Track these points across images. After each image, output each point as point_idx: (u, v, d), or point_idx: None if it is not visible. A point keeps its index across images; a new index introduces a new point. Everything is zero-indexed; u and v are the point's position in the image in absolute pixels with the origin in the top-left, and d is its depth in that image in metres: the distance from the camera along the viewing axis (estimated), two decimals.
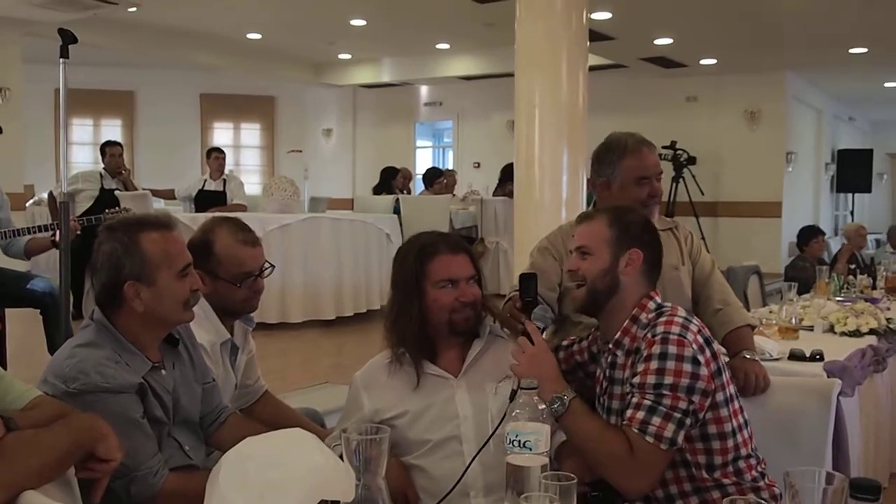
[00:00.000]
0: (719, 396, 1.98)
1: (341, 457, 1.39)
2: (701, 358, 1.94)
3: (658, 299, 2.13)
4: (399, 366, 2.18)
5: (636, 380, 1.95)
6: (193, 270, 2.06)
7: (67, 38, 3.37)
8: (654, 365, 1.93)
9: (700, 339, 1.98)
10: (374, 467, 1.40)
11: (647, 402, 1.90)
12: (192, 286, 2.04)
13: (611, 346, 2.11)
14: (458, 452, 2.06)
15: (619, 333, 2.09)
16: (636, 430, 1.89)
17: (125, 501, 1.87)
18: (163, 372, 2.02)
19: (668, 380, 1.90)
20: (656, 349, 1.94)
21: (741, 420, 2.05)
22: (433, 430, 2.09)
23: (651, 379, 1.92)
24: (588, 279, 2.10)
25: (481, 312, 2.20)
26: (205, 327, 2.35)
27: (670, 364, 1.91)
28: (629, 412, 1.92)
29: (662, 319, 2.01)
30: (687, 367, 1.91)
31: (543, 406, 1.62)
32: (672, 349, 1.93)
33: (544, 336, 2.12)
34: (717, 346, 2.06)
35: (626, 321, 2.08)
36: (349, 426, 1.92)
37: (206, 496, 1.30)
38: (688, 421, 1.91)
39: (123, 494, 1.86)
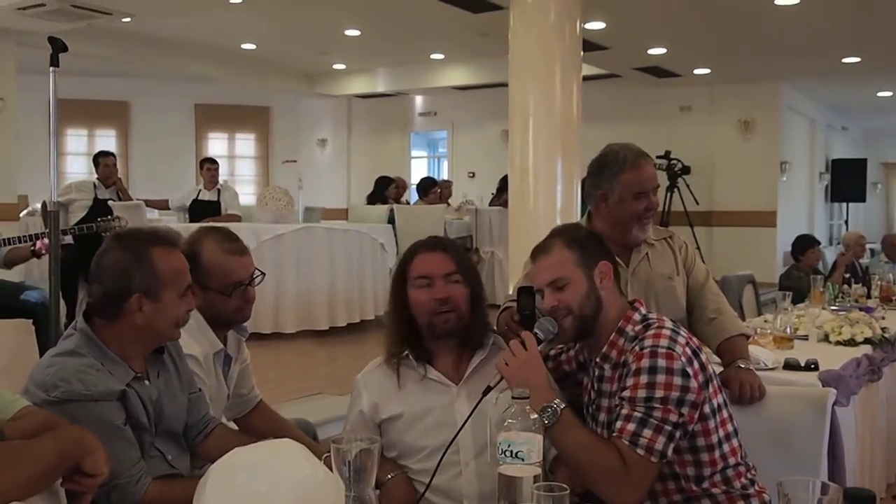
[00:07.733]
0: (706, 408, 1.97)
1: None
2: (690, 370, 1.93)
3: (643, 310, 2.12)
4: (397, 368, 2.19)
5: (626, 393, 1.93)
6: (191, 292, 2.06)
7: (57, 46, 3.35)
8: (643, 379, 1.91)
9: (688, 351, 1.97)
10: (365, 478, 1.39)
11: (637, 415, 1.89)
12: (188, 307, 2.04)
13: (598, 360, 2.09)
14: (454, 461, 2.06)
15: (606, 347, 2.07)
16: (626, 442, 1.88)
17: None
18: (146, 382, 2.00)
19: (659, 393, 1.89)
20: (645, 363, 1.93)
21: (730, 429, 2.04)
22: (431, 435, 2.09)
23: (641, 393, 1.91)
24: (574, 307, 2.06)
25: (466, 315, 2.15)
26: (197, 339, 2.33)
27: (660, 377, 1.90)
28: (619, 424, 1.91)
29: (650, 332, 1.99)
30: (677, 379, 1.90)
31: (536, 416, 1.60)
32: (661, 362, 1.92)
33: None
34: (705, 356, 2.04)
35: (613, 334, 2.06)
36: (343, 436, 1.91)
37: None
38: (678, 434, 1.91)
39: (104, 502, 1.83)
